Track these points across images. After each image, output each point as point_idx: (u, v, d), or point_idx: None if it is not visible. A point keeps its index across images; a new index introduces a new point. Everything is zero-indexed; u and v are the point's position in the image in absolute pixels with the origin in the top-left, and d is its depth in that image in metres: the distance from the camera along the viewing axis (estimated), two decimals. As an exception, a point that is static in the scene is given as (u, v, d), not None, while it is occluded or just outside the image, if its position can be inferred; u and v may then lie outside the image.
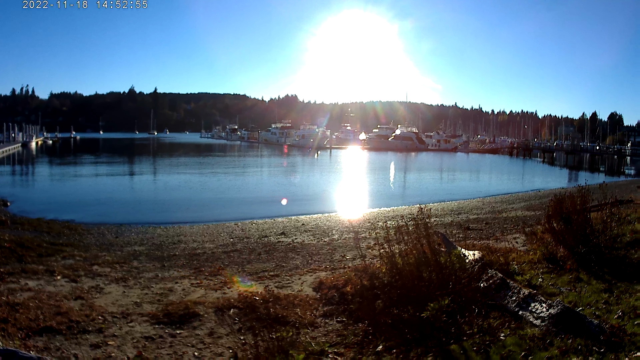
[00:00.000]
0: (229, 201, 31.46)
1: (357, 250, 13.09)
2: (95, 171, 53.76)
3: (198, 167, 61.26)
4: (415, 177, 55.95)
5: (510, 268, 10.71)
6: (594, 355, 6.28)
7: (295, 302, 9.46)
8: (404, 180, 52.03)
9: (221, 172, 53.04)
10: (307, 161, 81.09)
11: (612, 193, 17.41)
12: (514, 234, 16.83)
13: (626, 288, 8.98)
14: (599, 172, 72.09)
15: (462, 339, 7.21)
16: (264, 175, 52.75)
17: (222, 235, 18.37)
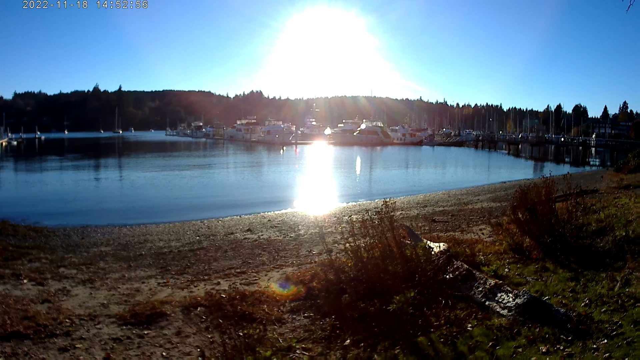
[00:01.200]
0: (195, 199, 31.10)
1: (323, 245, 13.06)
2: (61, 172, 52.84)
3: (163, 165, 60.56)
4: (381, 171, 56.15)
5: (477, 259, 10.80)
6: (561, 343, 6.34)
7: (262, 299, 9.41)
8: (370, 174, 52.11)
9: (187, 170, 52.58)
10: (273, 157, 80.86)
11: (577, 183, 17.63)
12: (480, 226, 16.99)
13: (592, 276, 9.07)
14: (564, 163, 73.33)
15: (430, 331, 7.24)
16: (230, 172, 52.47)
17: (189, 234, 18.20)
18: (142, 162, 67.79)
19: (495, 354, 6.29)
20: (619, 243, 10.38)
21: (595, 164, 70.49)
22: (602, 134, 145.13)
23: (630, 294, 7.68)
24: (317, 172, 53.78)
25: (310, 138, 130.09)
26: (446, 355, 6.45)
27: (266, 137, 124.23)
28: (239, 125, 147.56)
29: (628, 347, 5.77)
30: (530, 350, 6.26)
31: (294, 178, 45.99)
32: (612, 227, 11.58)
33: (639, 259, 9.23)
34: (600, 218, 12.71)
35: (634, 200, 14.87)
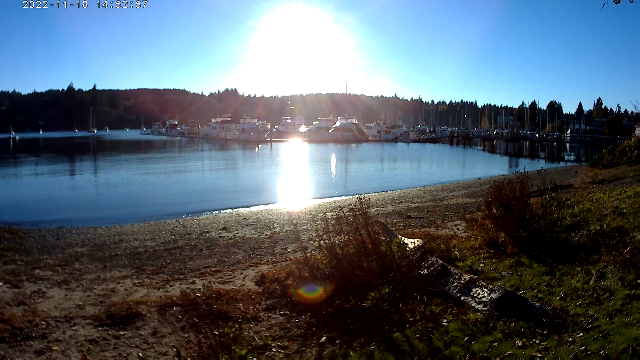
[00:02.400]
0: (170, 198, 30.84)
1: (298, 242, 13.07)
2: (36, 172, 52.04)
3: (138, 164, 59.89)
4: (356, 167, 56.24)
5: (452, 254, 10.84)
6: (537, 337, 6.38)
7: (237, 297, 9.41)
8: (345, 171, 52.22)
9: (162, 169, 52.14)
10: (248, 155, 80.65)
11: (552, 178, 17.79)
12: (455, 221, 17.06)
13: (568, 270, 9.15)
14: (539, 158, 74.05)
15: (405, 327, 7.28)
16: (205, 171, 52.19)
17: (164, 233, 18.04)
18: (117, 161, 67.07)
19: (471, 349, 6.31)
20: (593, 237, 10.49)
21: (570, 159, 71.33)
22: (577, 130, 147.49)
23: (606, 287, 7.78)
24: (292, 169, 53.77)
25: (285, 136, 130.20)
26: (422, 351, 6.47)
27: (241, 135, 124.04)
28: (214, 124, 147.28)
29: (604, 340, 5.81)
30: (506, 345, 6.30)
31: (269, 176, 45.97)
32: (586, 222, 11.71)
33: (613, 252, 9.33)
34: (575, 212, 12.83)
35: (608, 194, 15.03)
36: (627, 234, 10.13)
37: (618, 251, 9.30)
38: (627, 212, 11.55)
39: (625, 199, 13.39)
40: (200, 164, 62.82)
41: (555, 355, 5.69)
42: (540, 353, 5.85)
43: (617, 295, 7.32)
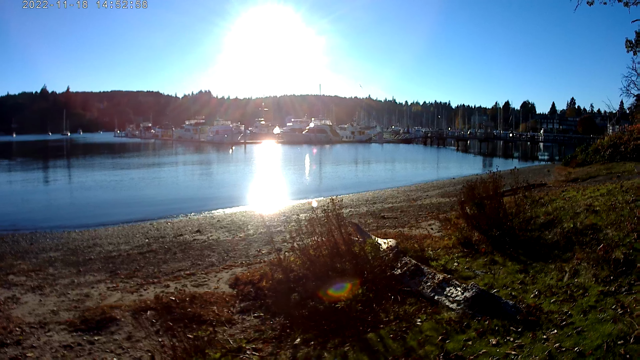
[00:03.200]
0: (144, 201, 30.44)
1: (272, 244, 13.07)
2: (9, 176, 51.06)
3: (112, 167, 59.05)
4: (330, 169, 56.24)
5: (426, 254, 10.92)
6: (511, 335, 6.40)
7: (211, 300, 9.45)
8: (319, 172, 52.24)
9: (135, 172, 51.50)
10: (222, 157, 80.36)
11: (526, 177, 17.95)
12: (429, 221, 17.17)
13: (541, 268, 9.25)
14: (512, 158, 74.89)
15: (379, 327, 7.30)
16: (179, 173, 51.82)
17: (138, 236, 17.87)
18: (91, 164, 66.13)
19: (445, 348, 6.31)
20: (567, 235, 10.58)
21: (544, 158, 72.25)
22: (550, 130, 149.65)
23: (579, 284, 7.84)
24: (266, 171, 53.62)
25: (259, 137, 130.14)
26: (396, 351, 6.46)
27: (215, 137, 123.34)
28: (188, 126, 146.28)
29: (578, 337, 5.84)
30: (481, 343, 6.31)
31: (243, 177, 45.72)
32: (560, 220, 11.83)
33: (587, 249, 9.41)
34: (549, 211, 12.95)
35: (581, 192, 15.18)
36: (600, 231, 10.23)
37: (591, 248, 9.37)
38: (600, 210, 11.67)
39: (599, 196, 13.53)
40: (174, 166, 62.21)
41: (530, 353, 5.70)
42: (514, 351, 5.86)
43: (591, 292, 7.38)
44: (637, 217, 10.43)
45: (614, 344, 5.35)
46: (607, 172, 26.28)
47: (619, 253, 8.52)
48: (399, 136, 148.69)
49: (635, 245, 8.81)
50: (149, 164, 64.15)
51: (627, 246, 8.88)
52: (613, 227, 10.19)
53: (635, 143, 31.32)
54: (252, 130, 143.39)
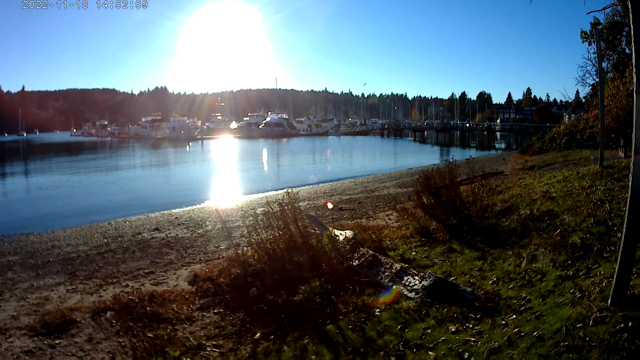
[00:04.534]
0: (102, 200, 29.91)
1: (229, 239, 13.01)
2: None
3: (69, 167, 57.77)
4: (288, 162, 56.41)
5: (384, 244, 10.95)
6: (470, 321, 6.45)
7: (171, 298, 9.38)
8: (277, 166, 52.38)
9: (92, 171, 50.63)
10: (179, 153, 79.75)
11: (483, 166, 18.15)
12: (387, 211, 17.29)
13: (499, 254, 9.36)
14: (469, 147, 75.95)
15: (338, 318, 7.30)
16: (136, 171, 51.22)
17: (96, 236, 17.60)
18: (48, 165, 64.66)
19: (404, 337, 6.32)
20: (524, 221, 10.73)
21: (501, 147, 73.49)
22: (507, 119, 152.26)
23: (537, 269, 7.94)
24: (224, 166, 53.48)
25: (216, 133, 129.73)
26: (355, 342, 6.45)
27: (172, 134, 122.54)
28: (144, 123, 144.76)
29: (537, 321, 5.88)
30: (440, 331, 6.33)
31: (200, 174, 45.42)
32: (517, 207, 11.97)
33: (544, 235, 9.55)
34: (506, 198, 13.09)
35: (537, 180, 15.38)
36: (557, 217, 10.38)
37: (548, 234, 9.52)
38: (556, 196, 11.83)
39: (555, 183, 13.72)
40: (132, 164, 61.45)
41: (489, 339, 5.73)
42: (473, 337, 5.89)
43: (549, 277, 7.47)
44: (593, 202, 10.60)
45: (572, 327, 5.40)
46: (564, 159, 26.71)
47: (576, 238, 8.66)
48: (356, 128, 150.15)
49: (592, 230, 8.95)
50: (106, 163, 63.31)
51: (583, 231, 9.02)
52: (570, 213, 10.34)
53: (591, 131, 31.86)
54: (209, 125, 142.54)
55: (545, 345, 5.23)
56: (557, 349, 5.07)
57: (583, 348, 4.96)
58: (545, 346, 5.21)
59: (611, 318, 5.36)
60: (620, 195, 10.68)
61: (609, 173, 13.46)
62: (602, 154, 16.08)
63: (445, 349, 5.81)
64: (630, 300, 5.63)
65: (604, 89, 21.54)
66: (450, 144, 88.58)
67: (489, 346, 5.53)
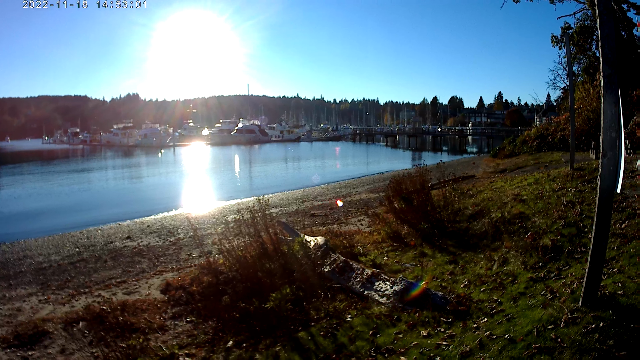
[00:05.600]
0: (74, 208, 29.59)
1: (201, 247, 12.96)
2: None
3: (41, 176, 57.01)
4: (260, 169, 56.46)
5: (355, 250, 10.96)
6: (442, 325, 6.46)
7: (143, 307, 9.31)
8: (249, 173, 52.30)
9: (65, 180, 49.94)
10: (151, 160, 79.27)
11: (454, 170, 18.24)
12: (359, 217, 17.35)
13: (471, 258, 9.42)
14: (441, 152, 76.59)
15: (310, 325, 7.29)
16: (108, 178, 50.80)
17: (68, 246, 17.42)
18: (20, 173, 63.81)
19: (376, 342, 6.32)
20: (495, 224, 10.80)
21: (473, 151, 74.26)
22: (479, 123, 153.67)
23: (509, 272, 7.99)
24: (196, 173, 53.23)
25: (188, 139, 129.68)
26: (327, 348, 6.44)
27: (143, 141, 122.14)
28: (116, 130, 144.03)
29: (509, 324, 5.91)
30: (411, 335, 6.34)
31: (172, 181, 45.21)
32: (488, 210, 12.05)
33: (515, 238, 9.61)
34: (477, 202, 13.18)
35: (509, 183, 15.50)
36: (528, 219, 10.46)
37: (519, 237, 9.60)
38: (527, 199, 11.93)
39: (526, 186, 13.84)
40: (103, 172, 60.96)
41: (461, 342, 5.74)
42: (445, 341, 5.90)
43: (520, 279, 7.52)
44: (564, 204, 10.70)
45: (544, 329, 5.42)
46: (535, 162, 26.96)
47: (547, 240, 8.73)
48: (328, 134, 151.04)
49: (563, 232, 9.03)
50: (78, 170, 62.64)
51: (554, 233, 9.10)
52: (541, 215, 10.43)
53: (562, 133, 32.32)
54: (180, 132, 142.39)
55: (517, 347, 5.25)
56: (529, 350, 5.09)
57: (555, 349, 4.99)
58: (517, 348, 5.23)
59: (582, 319, 5.39)
60: (590, 197, 10.79)
61: (580, 175, 13.62)
62: (573, 156, 16.25)
63: (416, 353, 5.81)
64: (601, 300, 5.67)
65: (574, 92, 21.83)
66: (422, 148, 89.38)
67: (460, 350, 5.53)
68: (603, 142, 5.54)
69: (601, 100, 5.55)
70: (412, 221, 12.26)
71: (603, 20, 5.52)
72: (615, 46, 5.50)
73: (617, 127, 5.52)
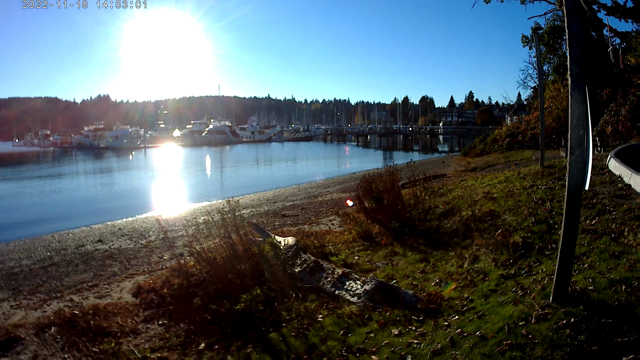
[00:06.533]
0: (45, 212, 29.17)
1: (172, 249, 12.84)
2: None
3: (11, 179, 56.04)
4: (231, 170, 56.47)
5: (326, 250, 10.92)
6: (413, 324, 6.46)
7: (115, 311, 9.23)
8: (221, 174, 52.26)
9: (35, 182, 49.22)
10: (122, 162, 78.61)
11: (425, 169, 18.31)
12: (330, 217, 17.37)
13: (442, 256, 9.46)
14: (412, 151, 77.06)
15: (281, 326, 7.27)
16: (79, 181, 50.24)
17: (39, 250, 17.18)
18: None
19: (347, 342, 6.30)
20: (466, 222, 10.85)
21: (444, 150, 74.85)
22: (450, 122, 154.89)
23: (479, 269, 8.03)
24: (167, 175, 52.94)
25: (159, 141, 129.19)
26: (298, 349, 6.41)
27: (114, 143, 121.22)
28: (87, 132, 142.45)
29: (479, 321, 5.92)
30: (382, 334, 6.33)
31: (143, 183, 44.88)
32: (459, 208, 12.13)
33: (485, 235, 9.66)
34: (448, 200, 13.26)
35: (480, 181, 15.62)
36: (498, 217, 10.54)
37: (490, 234, 9.63)
38: (497, 197, 12.02)
39: (496, 184, 13.95)
40: (75, 174, 60.30)
41: (432, 340, 5.75)
42: (416, 339, 5.90)
43: (491, 276, 7.56)
44: (534, 201, 10.78)
45: (515, 325, 5.44)
46: (506, 160, 27.20)
47: (517, 237, 8.78)
48: (299, 134, 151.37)
49: (533, 229, 9.10)
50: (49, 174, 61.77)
51: (525, 230, 9.17)
52: (511, 213, 10.51)
53: (533, 132, 32.71)
54: (151, 133, 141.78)
55: (488, 344, 5.26)
56: (500, 347, 5.09)
57: (526, 346, 5.00)
58: (488, 345, 5.24)
59: (553, 315, 5.41)
60: (560, 194, 10.89)
61: (550, 172, 13.75)
62: (543, 154, 16.38)
63: (388, 352, 5.80)
64: (571, 296, 5.70)
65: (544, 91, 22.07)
66: (393, 148, 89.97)
67: (431, 348, 5.53)
68: (571, 140, 5.59)
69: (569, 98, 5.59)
70: (383, 220, 12.28)
71: (570, 20, 5.57)
72: (582, 45, 5.55)
73: (584, 125, 5.56)
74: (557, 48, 37.22)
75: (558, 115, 29.71)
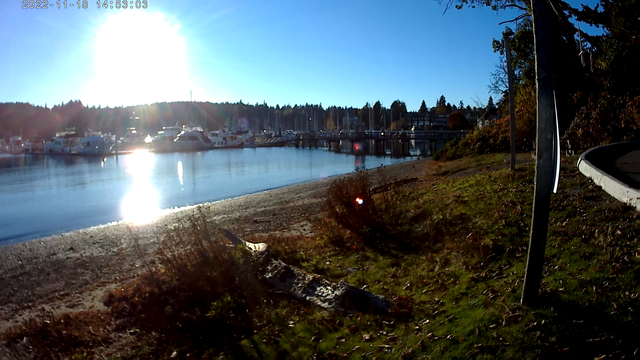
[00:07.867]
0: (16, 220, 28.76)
1: (143, 257, 12.75)
2: None
3: None
4: (203, 175, 56.28)
5: (297, 255, 10.94)
6: (384, 328, 6.47)
7: (87, 320, 9.17)
8: (193, 180, 52.11)
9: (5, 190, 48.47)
10: (94, 169, 77.92)
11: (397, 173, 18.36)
12: (302, 222, 17.37)
13: (413, 260, 9.49)
14: (384, 155, 77.34)
15: (253, 333, 7.26)
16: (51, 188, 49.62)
17: (10, 258, 16.96)
18: None
19: (319, 348, 6.28)
20: (437, 226, 10.94)
21: (416, 154, 75.45)
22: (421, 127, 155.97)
23: (450, 272, 8.07)
24: (139, 181, 52.55)
25: (131, 147, 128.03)
26: (270, 355, 6.41)
27: (86, 149, 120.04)
28: (58, 138, 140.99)
29: (450, 324, 5.93)
30: (354, 339, 6.33)
31: (115, 190, 44.35)
32: (430, 212, 12.20)
33: (456, 239, 9.73)
34: (419, 204, 13.32)
35: (451, 185, 15.73)
36: (469, 220, 10.62)
37: (461, 237, 9.72)
38: (468, 200, 12.12)
39: (468, 187, 14.07)
40: (46, 181, 59.61)
41: (403, 344, 5.74)
42: (387, 344, 5.89)
43: (462, 280, 7.60)
44: (504, 204, 10.86)
45: (486, 328, 5.45)
46: (477, 164, 27.37)
47: (488, 240, 8.84)
48: (271, 140, 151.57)
49: (504, 231, 9.16)
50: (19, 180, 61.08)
51: (495, 233, 9.23)
52: (482, 216, 10.59)
53: (504, 135, 33.03)
54: (123, 140, 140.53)
55: (459, 347, 5.26)
56: (471, 350, 5.10)
57: (497, 348, 5.01)
58: (459, 348, 5.24)
59: (524, 317, 5.44)
60: (531, 197, 10.87)
61: (521, 175, 13.89)
62: (514, 157, 16.54)
63: (359, 357, 5.79)
64: (542, 298, 5.74)
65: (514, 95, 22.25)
66: (365, 152, 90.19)
67: (402, 352, 5.52)
68: (539, 144, 5.66)
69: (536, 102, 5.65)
70: (354, 225, 12.32)
71: (538, 25, 5.64)
72: (550, 50, 5.61)
73: (552, 129, 5.64)
74: (528, 53, 37.63)
75: (529, 118, 30.02)
